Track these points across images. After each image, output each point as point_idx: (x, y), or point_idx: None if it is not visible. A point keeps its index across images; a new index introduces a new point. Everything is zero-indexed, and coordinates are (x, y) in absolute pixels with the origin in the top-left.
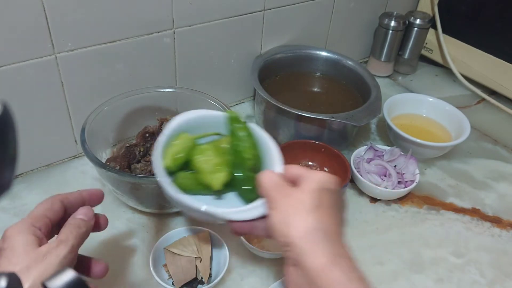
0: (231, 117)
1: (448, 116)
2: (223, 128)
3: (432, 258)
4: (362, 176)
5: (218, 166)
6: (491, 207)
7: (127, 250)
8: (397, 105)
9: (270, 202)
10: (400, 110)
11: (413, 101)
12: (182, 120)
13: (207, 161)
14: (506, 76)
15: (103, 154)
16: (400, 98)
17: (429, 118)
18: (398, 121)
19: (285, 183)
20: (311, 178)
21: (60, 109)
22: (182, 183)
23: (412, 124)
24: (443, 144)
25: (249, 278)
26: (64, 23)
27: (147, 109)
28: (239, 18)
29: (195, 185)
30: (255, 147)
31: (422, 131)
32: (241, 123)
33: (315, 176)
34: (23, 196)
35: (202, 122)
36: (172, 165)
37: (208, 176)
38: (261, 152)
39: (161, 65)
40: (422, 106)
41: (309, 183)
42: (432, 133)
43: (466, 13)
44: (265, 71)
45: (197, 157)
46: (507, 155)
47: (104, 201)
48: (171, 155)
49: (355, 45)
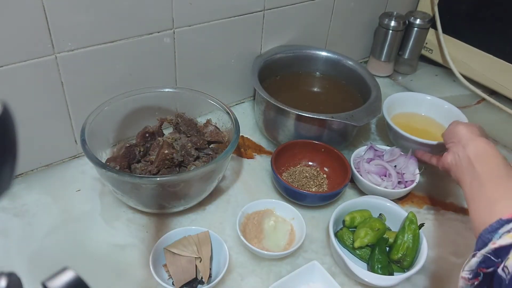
0: (410, 218)
1: (446, 115)
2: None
3: (432, 258)
4: (362, 176)
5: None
6: None
7: (127, 250)
8: (396, 104)
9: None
10: (399, 109)
11: (412, 100)
12: None
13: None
14: (506, 76)
15: (103, 154)
16: (399, 97)
17: (428, 117)
18: (397, 119)
19: None
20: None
21: (60, 109)
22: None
23: (411, 123)
24: (442, 142)
25: (249, 278)
26: (64, 23)
27: (147, 109)
28: (239, 18)
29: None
30: (412, 249)
31: (421, 130)
32: (415, 225)
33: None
34: (23, 196)
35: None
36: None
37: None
38: (415, 254)
39: (161, 65)
40: (421, 105)
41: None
42: (430, 132)
43: (466, 13)
44: (265, 71)
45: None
46: (507, 155)
47: (104, 201)
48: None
49: (355, 45)
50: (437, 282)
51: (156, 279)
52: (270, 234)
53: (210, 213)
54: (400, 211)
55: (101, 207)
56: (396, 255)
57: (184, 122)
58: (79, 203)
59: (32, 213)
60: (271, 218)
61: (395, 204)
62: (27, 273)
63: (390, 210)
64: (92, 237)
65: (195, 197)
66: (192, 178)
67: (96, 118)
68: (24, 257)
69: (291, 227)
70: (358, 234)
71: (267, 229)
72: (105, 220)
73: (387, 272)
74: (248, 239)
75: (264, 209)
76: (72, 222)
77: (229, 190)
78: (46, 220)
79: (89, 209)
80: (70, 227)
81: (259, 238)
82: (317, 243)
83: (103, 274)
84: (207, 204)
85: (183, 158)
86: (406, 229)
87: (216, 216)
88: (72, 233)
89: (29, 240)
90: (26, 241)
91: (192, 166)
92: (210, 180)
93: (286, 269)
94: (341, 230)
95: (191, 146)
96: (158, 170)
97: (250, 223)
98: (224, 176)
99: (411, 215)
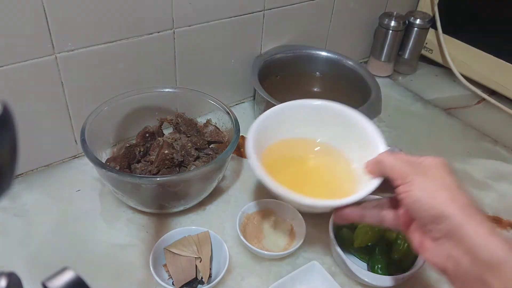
0: None
1: (352, 133)
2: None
3: None
4: None
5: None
6: (491, 207)
7: (127, 250)
8: (273, 126)
9: (404, 178)
10: (281, 132)
11: (293, 115)
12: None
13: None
14: (506, 76)
15: (103, 154)
16: (276, 113)
17: (325, 145)
18: (276, 153)
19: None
20: (434, 160)
21: (60, 109)
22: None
23: (298, 162)
24: (331, 202)
25: (249, 278)
26: (64, 23)
27: (147, 109)
28: (239, 18)
29: None
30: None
31: (319, 173)
32: None
33: (437, 159)
34: (23, 196)
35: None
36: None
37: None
38: (415, 255)
39: (161, 65)
40: (312, 123)
41: (439, 164)
42: (325, 175)
43: (466, 13)
44: (265, 71)
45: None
46: (507, 155)
47: (104, 201)
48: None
49: (355, 45)
50: (437, 282)
51: (156, 279)
52: (270, 234)
53: (210, 213)
54: None
55: (101, 207)
56: (396, 255)
57: (184, 122)
58: (79, 203)
59: (32, 213)
60: (271, 218)
61: None
62: (27, 273)
63: None
64: (92, 237)
65: (195, 197)
66: (192, 178)
67: (96, 118)
68: (24, 257)
69: (291, 227)
70: (358, 234)
71: (267, 229)
72: (105, 220)
73: (387, 272)
74: (248, 239)
75: (264, 209)
76: (72, 222)
77: (229, 190)
78: (46, 220)
79: (89, 209)
80: (70, 227)
81: (259, 238)
82: (317, 243)
83: (103, 274)
84: (207, 204)
85: (183, 158)
86: None
87: (216, 216)
88: (72, 233)
89: (29, 240)
90: (26, 241)
91: (192, 166)
92: (210, 180)
93: (286, 269)
94: (341, 230)
95: (191, 146)
96: (158, 170)
97: (250, 223)
98: (224, 176)
99: None
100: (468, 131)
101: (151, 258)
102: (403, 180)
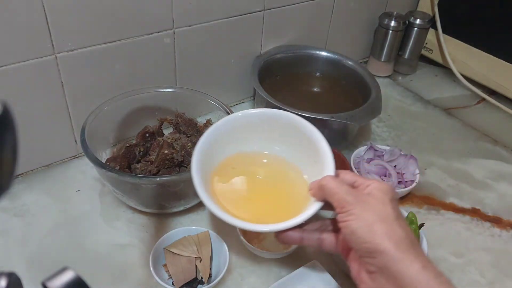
0: (410, 218)
1: (302, 146)
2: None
3: (432, 258)
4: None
5: None
6: (491, 207)
7: (127, 250)
8: (217, 144)
9: (343, 207)
10: (229, 148)
11: (239, 129)
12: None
13: None
14: (506, 76)
15: (103, 154)
16: (217, 131)
17: (276, 157)
18: (224, 172)
19: (355, 189)
20: (378, 188)
21: (60, 109)
22: None
23: (248, 176)
24: (268, 227)
25: (249, 278)
26: (64, 23)
27: (147, 109)
28: (239, 18)
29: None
30: None
31: (259, 189)
32: (415, 225)
33: (381, 186)
34: (23, 196)
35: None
36: None
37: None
38: None
39: (161, 65)
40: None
41: (381, 193)
42: (273, 190)
43: (466, 13)
44: (265, 71)
45: None
46: (507, 155)
47: (104, 201)
48: None
49: (355, 45)
50: None
51: (156, 279)
52: (270, 234)
53: (210, 213)
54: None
55: (101, 207)
56: None
57: (184, 122)
58: (79, 203)
59: (32, 213)
60: None
61: None
62: (27, 273)
63: None
64: (92, 237)
65: (195, 197)
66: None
67: (96, 118)
68: (24, 257)
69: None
70: None
71: None
72: (105, 220)
73: None
74: (248, 239)
75: None
76: (72, 222)
77: None
78: (46, 220)
79: (89, 209)
80: (70, 227)
81: (259, 238)
82: None
83: (103, 274)
84: None
85: (183, 158)
86: None
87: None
88: (72, 233)
89: (29, 240)
90: (26, 241)
91: None
92: None
93: (286, 269)
94: None
95: (191, 146)
96: (158, 170)
97: None
98: None
99: (411, 215)
100: (468, 131)
101: (151, 258)
102: (341, 208)
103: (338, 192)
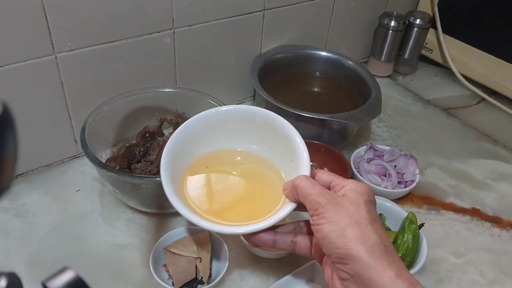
0: (410, 218)
1: (274, 141)
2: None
3: (432, 258)
4: (362, 176)
5: None
6: (491, 207)
7: (127, 250)
8: (187, 145)
9: (316, 209)
10: (202, 147)
11: (209, 127)
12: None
13: None
14: (506, 76)
15: (103, 154)
16: (186, 130)
17: (252, 155)
18: (197, 172)
19: (329, 190)
20: (353, 189)
21: (60, 109)
22: None
23: (220, 175)
24: (239, 229)
25: (249, 278)
26: (64, 23)
27: (147, 109)
28: (239, 18)
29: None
30: (412, 249)
31: (233, 188)
32: (415, 225)
33: (357, 187)
34: (23, 196)
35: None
36: None
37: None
38: (415, 254)
39: (161, 65)
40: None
41: (356, 194)
42: (247, 188)
43: (466, 13)
44: (265, 71)
45: None
46: (507, 155)
47: (104, 201)
48: None
49: (355, 45)
50: (437, 282)
51: (156, 279)
52: None
53: None
54: (400, 211)
55: (101, 207)
56: None
57: None
58: (79, 203)
59: (32, 213)
60: None
61: (395, 204)
62: (27, 273)
63: (390, 210)
64: (92, 237)
65: None
66: None
67: (96, 118)
68: (24, 257)
69: None
70: None
71: None
72: (105, 220)
73: None
74: None
75: None
76: (72, 222)
77: None
78: (46, 220)
79: (89, 209)
80: (70, 227)
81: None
82: None
83: (103, 274)
84: None
85: None
86: (406, 229)
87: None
88: (72, 233)
89: (29, 240)
90: (26, 241)
91: None
92: None
93: (286, 269)
94: None
95: None
96: (158, 170)
97: None
98: None
99: (411, 215)
100: (468, 131)
101: (151, 258)
102: (314, 211)
103: (311, 193)
